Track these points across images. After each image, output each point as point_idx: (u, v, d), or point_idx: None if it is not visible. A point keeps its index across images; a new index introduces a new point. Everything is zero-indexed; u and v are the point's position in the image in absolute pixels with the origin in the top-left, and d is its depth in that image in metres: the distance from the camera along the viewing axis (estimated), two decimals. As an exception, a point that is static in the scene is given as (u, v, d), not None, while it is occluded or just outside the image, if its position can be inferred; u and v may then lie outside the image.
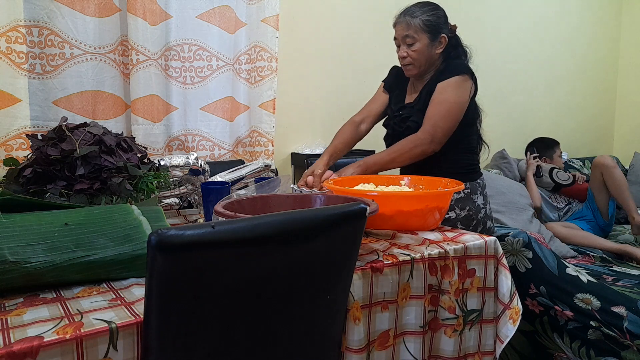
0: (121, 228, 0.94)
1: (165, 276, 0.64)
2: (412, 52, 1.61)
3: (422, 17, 1.59)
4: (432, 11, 1.61)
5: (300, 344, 0.85)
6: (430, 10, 1.61)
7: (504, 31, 3.29)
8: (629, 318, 1.49)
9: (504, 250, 1.47)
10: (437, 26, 1.61)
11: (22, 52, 1.66)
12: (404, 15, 1.61)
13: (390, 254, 1.10)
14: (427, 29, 1.59)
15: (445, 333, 1.15)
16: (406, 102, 1.72)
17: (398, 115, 1.70)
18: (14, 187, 1.18)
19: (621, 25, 4.06)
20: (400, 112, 1.70)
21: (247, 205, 1.15)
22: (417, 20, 1.59)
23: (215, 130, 2.13)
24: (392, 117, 1.74)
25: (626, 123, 4.10)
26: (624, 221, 3.08)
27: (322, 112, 2.52)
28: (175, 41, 1.98)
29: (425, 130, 1.55)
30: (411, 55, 1.61)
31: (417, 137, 1.56)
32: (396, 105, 1.74)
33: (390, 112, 1.76)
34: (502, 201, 2.40)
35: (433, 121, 1.55)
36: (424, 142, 1.55)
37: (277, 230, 0.73)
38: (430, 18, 1.60)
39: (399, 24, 1.62)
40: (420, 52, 1.61)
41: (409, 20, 1.59)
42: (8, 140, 1.67)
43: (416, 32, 1.59)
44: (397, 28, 1.63)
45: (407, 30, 1.59)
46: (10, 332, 0.69)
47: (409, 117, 1.65)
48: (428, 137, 1.55)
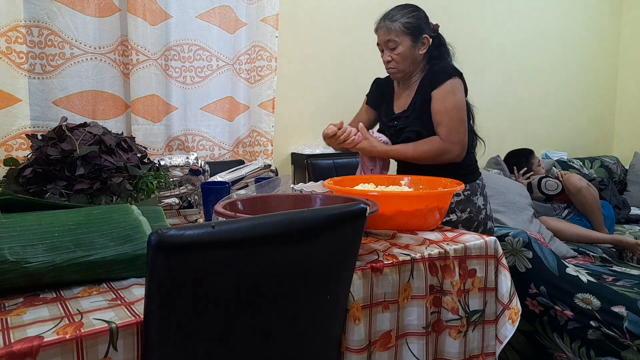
0: (121, 228, 0.94)
1: (165, 276, 0.64)
2: (396, 56, 1.60)
3: (402, 20, 1.59)
4: (411, 13, 1.61)
5: (300, 344, 0.85)
6: (409, 13, 1.61)
7: (504, 31, 3.29)
8: (629, 318, 1.49)
9: (504, 250, 1.47)
10: (417, 27, 1.60)
11: (22, 52, 1.66)
12: (384, 20, 1.61)
13: (390, 254, 1.10)
14: (408, 31, 1.59)
15: (450, 335, 1.15)
16: (398, 112, 1.70)
17: (393, 126, 1.69)
18: (14, 187, 1.18)
19: (621, 25, 4.06)
20: (394, 122, 1.69)
21: (247, 205, 1.15)
22: (397, 24, 1.58)
23: (215, 130, 2.14)
24: (386, 128, 1.73)
25: (626, 123, 4.10)
26: (624, 221, 3.08)
27: (322, 112, 2.52)
28: (175, 41, 1.98)
29: (451, 140, 1.56)
30: (395, 59, 1.61)
31: (443, 145, 1.56)
32: (387, 116, 1.73)
33: (382, 125, 1.76)
34: (502, 201, 2.40)
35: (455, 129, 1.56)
36: (452, 151, 1.56)
37: (277, 230, 0.73)
38: (410, 20, 1.59)
39: (380, 29, 1.62)
40: (403, 55, 1.60)
41: (389, 25, 1.59)
42: (8, 140, 1.67)
43: (397, 35, 1.59)
44: (379, 33, 1.63)
45: (389, 34, 1.59)
46: (10, 332, 0.69)
47: (406, 128, 1.64)
48: (457, 147, 1.56)
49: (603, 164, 3.65)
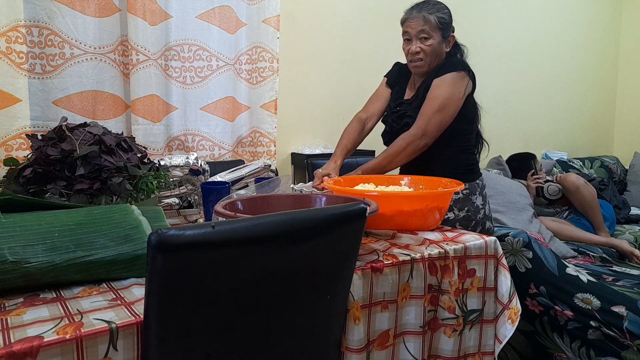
0: (121, 228, 0.94)
1: (165, 276, 0.64)
2: (427, 47, 1.60)
3: (438, 14, 1.59)
4: (444, 10, 1.62)
5: (300, 344, 0.85)
6: (443, 9, 1.62)
7: (504, 31, 3.29)
8: (629, 318, 1.49)
9: (504, 250, 1.47)
10: (448, 25, 1.62)
11: (22, 52, 1.66)
12: (419, 11, 1.60)
13: (390, 254, 1.10)
14: (441, 27, 1.60)
15: (445, 333, 1.15)
16: (405, 99, 1.72)
17: (396, 111, 1.71)
18: (14, 187, 1.18)
19: (621, 25, 4.06)
20: (398, 108, 1.71)
21: (247, 205, 1.15)
22: (433, 17, 1.58)
23: (215, 130, 2.14)
24: (390, 113, 1.74)
25: (626, 123, 4.10)
26: (624, 221, 3.08)
27: (323, 112, 2.52)
28: (175, 41, 1.98)
29: (417, 126, 1.57)
30: (425, 50, 1.60)
31: (409, 134, 1.57)
32: (395, 101, 1.75)
33: (389, 109, 1.77)
34: (502, 201, 2.40)
35: (425, 116, 1.56)
36: (416, 137, 1.56)
37: (277, 230, 0.73)
38: (444, 16, 1.60)
39: (414, 18, 1.60)
40: (432, 49, 1.60)
41: (426, 16, 1.58)
42: (8, 140, 1.67)
43: (432, 28, 1.59)
44: (411, 23, 1.61)
45: (424, 25, 1.58)
46: (10, 332, 0.69)
47: (406, 114, 1.65)
48: (419, 132, 1.56)
49: (603, 164, 3.65)
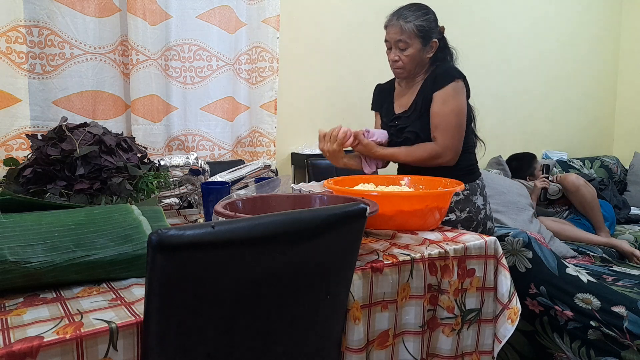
0: (121, 228, 0.94)
1: (165, 276, 0.64)
2: (405, 57, 1.60)
3: (416, 22, 1.57)
4: (424, 16, 1.60)
5: (300, 344, 0.85)
6: (423, 15, 1.59)
7: (504, 31, 3.29)
8: (629, 318, 1.49)
9: (504, 250, 1.47)
10: (429, 31, 1.60)
11: (22, 52, 1.66)
12: (397, 19, 1.59)
13: (390, 254, 1.10)
14: (420, 34, 1.58)
15: (444, 332, 1.16)
16: (398, 112, 1.70)
17: (394, 125, 1.70)
18: (14, 187, 1.18)
19: (621, 25, 4.06)
20: (395, 122, 1.69)
21: (247, 205, 1.15)
22: (410, 25, 1.57)
23: (215, 130, 2.14)
24: (386, 128, 1.74)
25: (626, 123, 4.10)
26: (624, 221, 3.08)
27: (323, 112, 2.52)
28: (175, 41, 1.98)
29: (444, 145, 1.57)
30: (403, 60, 1.60)
31: (436, 150, 1.57)
32: (388, 116, 1.74)
33: (383, 125, 1.76)
34: (502, 201, 2.40)
35: (450, 135, 1.57)
36: (444, 156, 1.57)
37: (277, 230, 0.73)
38: (423, 23, 1.58)
39: (392, 27, 1.60)
40: (412, 58, 1.60)
41: (403, 25, 1.57)
42: (8, 140, 1.67)
43: (409, 37, 1.58)
44: (390, 31, 1.61)
45: (401, 34, 1.58)
46: (10, 332, 0.69)
47: (406, 128, 1.64)
48: (449, 153, 1.57)
49: (603, 164, 3.65)
